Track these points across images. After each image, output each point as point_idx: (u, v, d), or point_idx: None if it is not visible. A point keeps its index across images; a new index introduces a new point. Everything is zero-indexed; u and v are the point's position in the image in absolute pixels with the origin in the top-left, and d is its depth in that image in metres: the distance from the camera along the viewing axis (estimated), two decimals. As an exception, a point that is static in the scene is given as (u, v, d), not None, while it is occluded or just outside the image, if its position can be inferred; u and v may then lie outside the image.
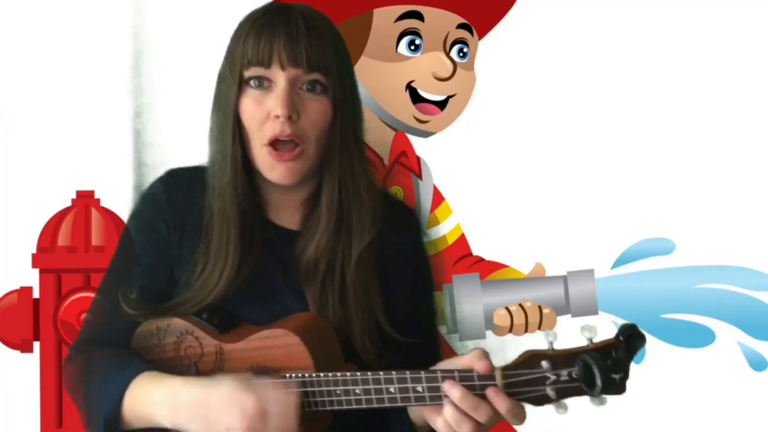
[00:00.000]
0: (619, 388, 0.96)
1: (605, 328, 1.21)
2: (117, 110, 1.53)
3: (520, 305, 1.50)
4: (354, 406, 1.07)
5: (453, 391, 1.01)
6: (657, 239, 1.53)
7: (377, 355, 1.20)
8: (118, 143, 1.52)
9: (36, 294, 1.52)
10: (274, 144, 1.14)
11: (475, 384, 1.01)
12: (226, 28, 1.49)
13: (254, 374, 1.12)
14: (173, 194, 1.21)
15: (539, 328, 1.50)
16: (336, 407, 1.08)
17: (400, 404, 1.06)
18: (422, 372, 1.04)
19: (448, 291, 1.51)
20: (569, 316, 1.51)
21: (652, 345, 1.51)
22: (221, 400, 1.05)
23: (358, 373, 1.07)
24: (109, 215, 1.53)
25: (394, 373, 1.05)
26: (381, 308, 1.22)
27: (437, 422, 1.04)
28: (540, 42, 1.52)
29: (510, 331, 1.50)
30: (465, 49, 1.55)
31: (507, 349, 1.50)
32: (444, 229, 1.56)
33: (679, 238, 1.53)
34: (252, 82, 1.14)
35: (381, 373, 1.06)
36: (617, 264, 1.53)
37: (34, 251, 1.52)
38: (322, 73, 1.13)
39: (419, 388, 1.03)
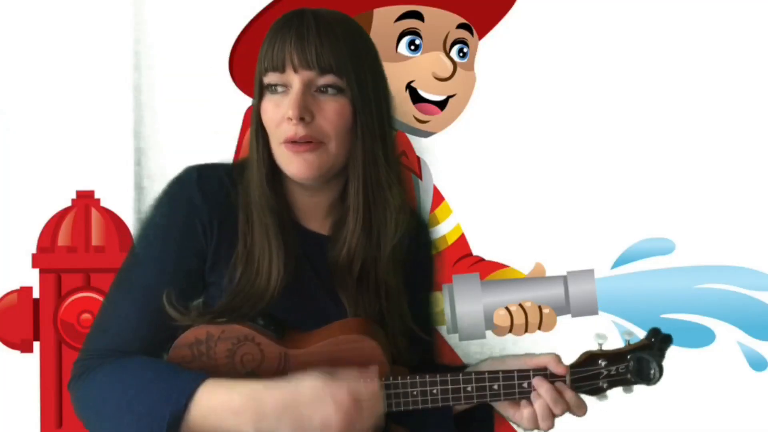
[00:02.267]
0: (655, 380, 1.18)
1: (605, 328, 1.22)
2: (117, 110, 1.53)
3: (520, 305, 1.50)
4: (430, 405, 1.13)
5: (542, 384, 1.14)
6: (657, 239, 1.53)
7: (410, 353, 1.21)
8: (118, 143, 1.52)
9: (36, 294, 1.52)
10: (292, 142, 1.13)
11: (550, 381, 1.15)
12: (227, 28, 1.49)
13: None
14: (207, 194, 1.16)
15: (539, 328, 1.50)
16: (411, 407, 1.13)
17: (475, 401, 1.15)
18: (500, 371, 1.14)
19: (448, 291, 1.51)
20: (569, 316, 1.51)
21: (652, 345, 1.51)
22: (311, 397, 1.04)
23: (437, 375, 1.13)
24: (109, 215, 1.53)
25: (472, 372, 1.14)
26: (407, 307, 1.23)
27: (519, 413, 1.16)
28: (540, 42, 1.52)
29: (510, 331, 1.50)
30: (465, 49, 1.55)
31: (507, 349, 1.50)
32: (444, 229, 1.56)
33: (679, 238, 1.53)
34: (272, 88, 1.14)
35: (460, 373, 1.14)
36: (617, 264, 1.53)
37: (34, 251, 1.52)
38: (337, 75, 1.12)
39: (495, 386, 1.14)
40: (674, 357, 1.51)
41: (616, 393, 1.18)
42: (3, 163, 1.53)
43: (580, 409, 1.16)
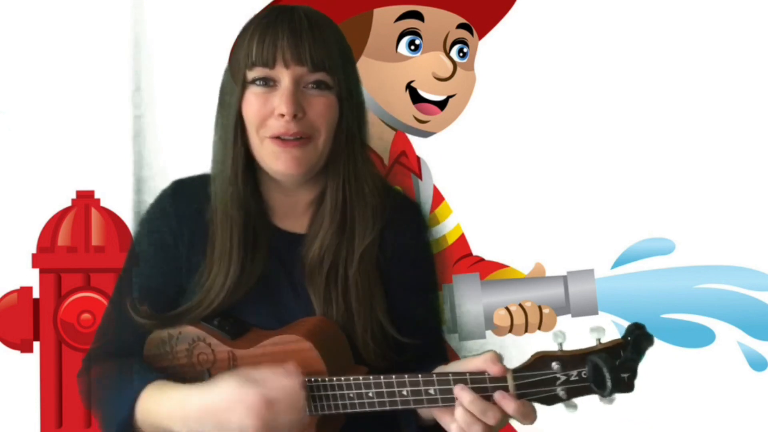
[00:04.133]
0: (627, 386, 0.98)
1: (605, 328, 1.22)
2: (117, 110, 1.53)
3: (520, 305, 1.50)
4: (367, 409, 1.08)
5: (463, 395, 1.02)
6: (657, 239, 1.53)
7: (380, 355, 1.20)
8: (118, 143, 1.52)
9: (36, 294, 1.52)
10: (278, 137, 1.14)
11: (487, 386, 1.03)
12: (227, 29, 1.49)
13: None
14: (181, 205, 1.21)
15: (539, 328, 1.50)
16: (349, 410, 1.09)
17: (412, 406, 1.07)
18: (434, 375, 1.05)
19: (448, 291, 1.51)
20: (569, 316, 1.51)
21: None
22: (226, 401, 1.05)
23: (371, 377, 1.08)
24: (109, 215, 1.53)
25: (406, 376, 1.06)
26: (383, 308, 1.22)
27: (450, 425, 1.06)
28: (540, 42, 1.52)
29: (510, 331, 1.50)
30: (465, 49, 1.55)
31: (507, 349, 1.50)
32: (444, 229, 1.56)
33: (679, 238, 1.53)
34: (257, 82, 1.14)
35: (393, 376, 1.07)
36: (617, 264, 1.53)
37: (34, 251, 1.52)
38: (327, 72, 1.13)
39: (431, 391, 1.05)
40: (674, 357, 1.52)
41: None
42: (3, 163, 1.53)
43: (526, 418, 1.02)
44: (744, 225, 1.52)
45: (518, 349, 1.49)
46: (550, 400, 1.01)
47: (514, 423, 1.49)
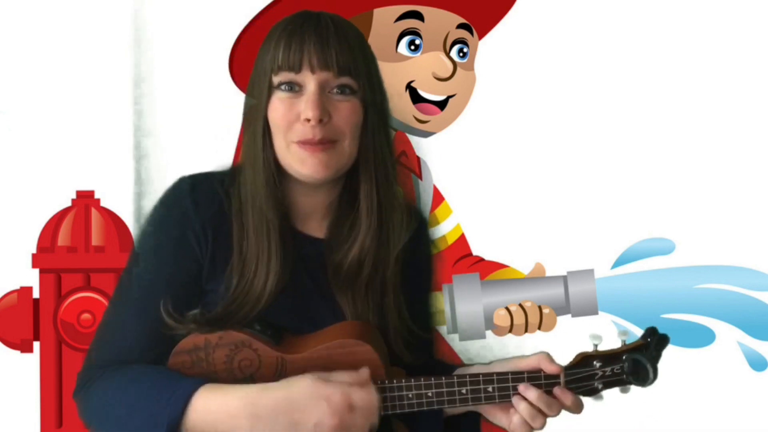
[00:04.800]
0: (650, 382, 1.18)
1: (605, 328, 1.22)
2: (117, 110, 1.52)
3: (520, 305, 1.50)
4: (425, 408, 1.14)
5: (529, 392, 1.14)
6: (657, 239, 1.53)
7: (407, 356, 1.21)
8: (118, 143, 1.52)
9: (36, 294, 1.52)
10: (303, 142, 1.14)
11: (541, 383, 1.16)
12: (227, 28, 1.49)
13: None
14: (200, 204, 1.18)
15: (539, 328, 1.50)
16: (407, 410, 1.13)
17: (470, 404, 1.16)
18: (494, 374, 1.15)
19: (448, 291, 1.51)
20: (569, 316, 1.51)
21: (652, 345, 1.51)
22: (305, 398, 1.04)
23: (432, 378, 1.14)
24: (109, 215, 1.53)
25: (467, 375, 1.15)
26: (405, 308, 1.24)
27: (508, 418, 1.16)
28: (540, 42, 1.52)
29: (510, 331, 1.50)
30: (465, 49, 1.55)
31: (507, 349, 1.50)
32: (444, 229, 1.56)
33: (679, 238, 1.53)
34: (282, 87, 1.14)
35: (455, 376, 1.14)
36: (617, 264, 1.53)
37: (34, 251, 1.52)
38: (352, 77, 1.14)
39: (490, 389, 1.15)
40: (674, 357, 1.52)
41: (614, 393, 1.19)
42: (3, 163, 1.53)
43: (578, 409, 1.17)
44: (744, 225, 1.52)
45: (518, 349, 1.49)
46: (589, 392, 1.17)
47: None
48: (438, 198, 1.57)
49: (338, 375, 1.08)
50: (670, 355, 1.50)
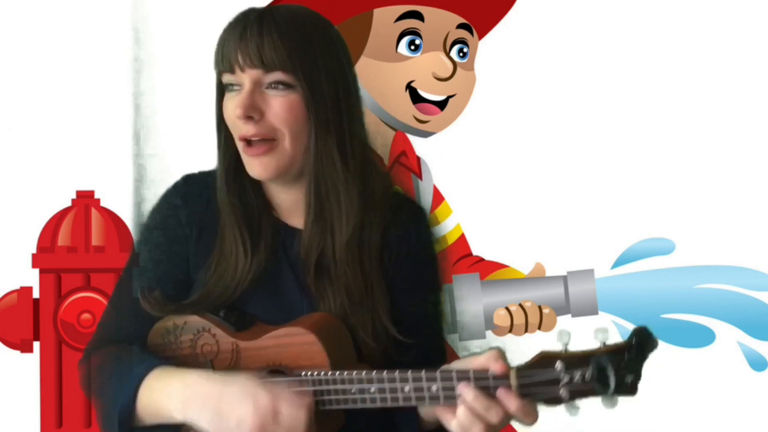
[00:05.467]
0: (631, 389, 0.97)
1: (601, 325, 1.21)
2: (117, 110, 1.52)
3: (520, 305, 1.50)
4: (369, 405, 1.08)
5: (466, 391, 1.01)
6: (657, 239, 1.53)
7: (381, 354, 1.21)
8: (118, 144, 1.52)
9: (36, 294, 1.52)
10: (248, 141, 1.17)
11: (489, 384, 1.01)
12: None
13: (269, 373, 1.13)
14: (190, 198, 1.23)
15: (539, 328, 1.50)
16: (350, 406, 1.09)
17: (414, 403, 1.06)
18: (437, 372, 1.04)
19: (448, 291, 1.51)
20: (569, 316, 1.51)
21: (652, 345, 1.51)
22: (235, 394, 1.06)
23: (374, 372, 1.07)
24: (109, 215, 1.53)
25: (409, 372, 1.05)
26: (385, 308, 1.23)
27: (451, 422, 1.04)
28: (540, 42, 1.52)
29: (510, 331, 1.50)
30: (465, 49, 1.55)
31: (507, 350, 1.50)
32: (444, 229, 1.56)
33: (679, 238, 1.53)
34: (228, 87, 1.18)
35: (396, 372, 1.05)
36: (617, 264, 1.53)
37: (34, 251, 1.52)
38: (283, 71, 1.13)
39: (434, 388, 1.03)
40: (674, 357, 1.52)
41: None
42: (3, 163, 1.53)
43: (528, 417, 1.01)
44: (744, 225, 1.52)
45: (519, 350, 1.49)
46: (553, 401, 0.99)
47: (514, 423, 1.49)
48: (438, 198, 1.57)
49: (281, 387, 1.08)
50: (670, 355, 1.51)
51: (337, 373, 1.09)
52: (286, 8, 1.18)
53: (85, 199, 1.53)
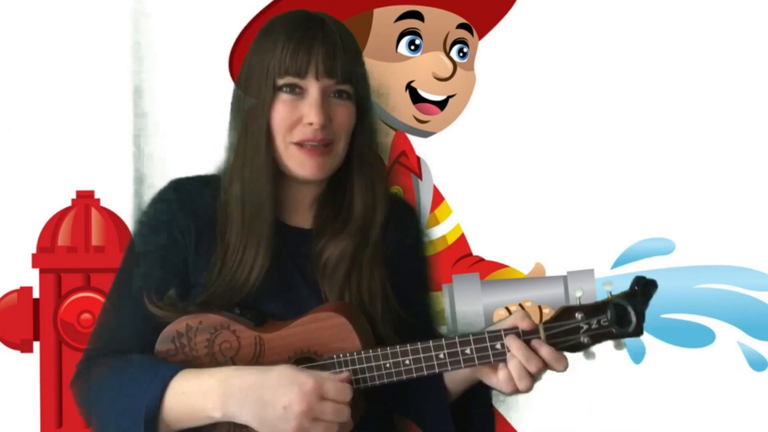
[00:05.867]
0: (639, 330, 1.10)
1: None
2: (117, 110, 1.52)
3: (520, 305, 1.50)
4: (404, 377, 1.11)
5: (512, 342, 1.10)
6: (657, 239, 1.53)
7: (401, 338, 1.22)
8: (118, 143, 1.52)
9: (36, 294, 1.52)
10: (302, 143, 1.18)
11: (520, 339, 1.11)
12: (227, 28, 1.49)
13: (296, 362, 1.13)
14: (186, 202, 1.23)
15: (539, 328, 1.50)
16: (386, 380, 1.12)
17: (449, 369, 1.12)
18: (470, 334, 1.11)
19: (448, 291, 1.51)
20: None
21: (652, 345, 1.51)
22: (278, 381, 1.06)
23: (408, 344, 1.11)
24: (109, 215, 1.53)
25: (443, 339, 1.11)
26: (393, 298, 1.25)
27: (496, 376, 1.13)
28: (540, 42, 1.52)
29: (510, 331, 1.50)
30: (465, 49, 1.55)
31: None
32: (444, 229, 1.56)
33: (679, 238, 1.53)
34: (285, 89, 1.18)
35: (430, 341, 1.11)
36: (617, 264, 1.53)
37: (34, 251, 1.52)
38: (351, 84, 1.20)
39: (468, 351, 1.11)
40: (674, 357, 1.52)
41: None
42: (3, 163, 1.53)
43: (559, 363, 1.11)
44: (744, 225, 1.52)
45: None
46: (576, 347, 1.11)
47: (514, 423, 1.49)
48: (438, 198, 1.57)
49: (321, 372, 1.09)
50: (670, 355, 1.51)
51: (371, 350, 1.12)
52: (335, 19, 1.23)
53: (85, 199, 1.53)
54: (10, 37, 1.53)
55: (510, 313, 1.49)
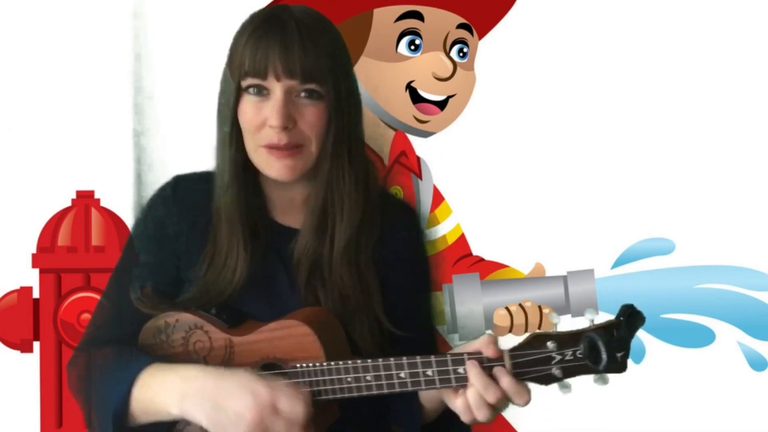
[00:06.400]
0: (620, 366, 1.00)
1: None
2: (117, 110, 1.52)
3: (520, 305, 1.50)
4: (365, 393, 1.09)
5: (471, 368, 1.04)
6: (657, 239, 1.53)
7: (380, 349, 1.21)
8: (118, 143, 1.52)
9: (36, 294, 1.52)
10: (271, 147, 1.16)
11: (483, 366, 1.04)
12: (227, 29, 1.49)
13: (263, 367, 1.13)
14: (182, 198, 1.23)
15: (539, 329, 1.50)
16: (347, 395, 1.10)
17: (410, 389, 1.08)
18: (432, 356, 1.06)
19: (448, 291, 1.51)
20: (569, 316, 1.51)
21: (652, 345, 1.51)
22: (233, 388, 1.06)
23: (369, 360, 1.08)
24: (109, 215, 1.53)
25: (404, 358, 1.07)
26: (380, 304, 1.24)
27: (456, 403, 1.07)
28: (540, 42, 1.52)
29: (510, 331, 1.50)
30: (465, 49, 1.55)
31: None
32: (444, 229, 1.56)
33: (679, 238, 1.53)
34: (250, 90, 1.16)
35: (391, 359, 1.07)
36: (617, 264, 1.53)
37: (34, 251, 1.52)
38: (317, 82, 1.15)
39: (429, 372, 1.06)
40: (674, 357, 1.52)
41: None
42: (3, 163, 1.53)
43: (520, 397, 1.03)
44: (744, 225, 1.52)
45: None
46: (546, 379, 1.02)
47: (514, 423, 1.49)
48: (438, 198, 1.57)
49: (279, 383, 1.08)
50: (670, 355, 1.51)
51: (332, 363, 1.10)
52: (309, 13, 1.18)
53: (85, 199, 1.53)
54: (11, 38, 1.53)
55: (510, 313, 1.49)
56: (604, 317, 1.50)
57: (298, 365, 1.11)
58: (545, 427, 1.39)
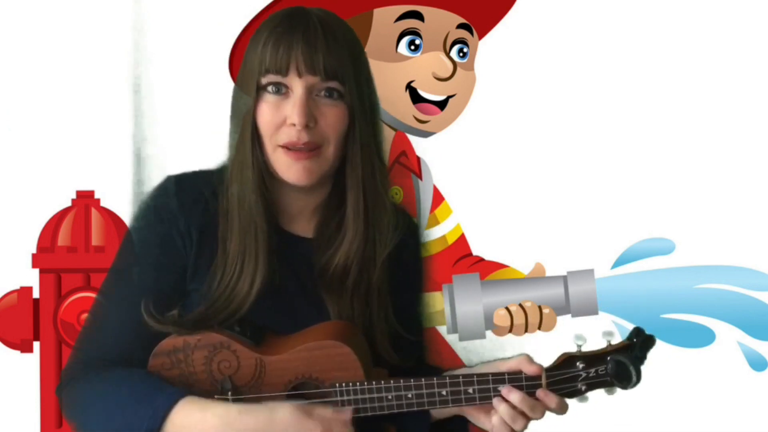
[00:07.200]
0: (638, 382, 1.14)
1: (604, 328, 1.21)
2: (117, 110, 1.52)
3: (520, 305, 1.50)
4: (405, 410, 1.13)
5: (513, 395, 1.13)
6: (657, 239, 1.53)
7: (394, 357, 1.21)
8: (117, 143, 1.52)
9: (36, 294, 1.52)
10: (288, 146, 1.14)
11: (522, 385, 1.14)
12: (227, 28, 1.49)
13: (297, 386, 1.12)
14: (186, 204, 1.17)
15: (539, 328, 1.50)
16: (386, 411, 1.13)
17: (450, 405, 1.14)
18: (474, 375, 1.14)
19: (448, 291, 1.51)
20: (569, 316, 1.51)
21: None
22: (283, 424, 1.05)
23: (412, 380, 1.12)
24: (109, 215, 1.53)
25: (447, 377, 1.13)
26: (391, 310, 1.24)
27: (490, 420, 1.15)
28: (540, 42, 1.52)
29: (510, 331, 1.50)
30: (465, 49, 1.55)
31: (506, 350, 1.50)
32: (444, 229, 1.56)
33: (679, 238, 1.53)
34: (269, 88, 1.13)
35: (434, 378, 1.13)
36: (617, 264, 1.53)
37: (34, 251, 1.52)
38: (339, 81, 1.13)
39: (470, 390, 1.13)
40: (674, 357, 1.52)
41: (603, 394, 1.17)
42: (3, 163, 1.53)
43: (562, 410, 1.15)
44: (744, 225, 1.52)
45: (519, 350, 1.49)
46: (573, 394, 1.15)
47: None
48: (438, 198, 1.57)
49: (321, 410, 1.08)
50: (670, 355, 1.51)
51: (374, 382, 1.12)
52: (329, 14, 1.17)
53: (85, 199, 1.53)
54: (11, 38, 1.53)
55: (510, 313, 1.49)
56: (603, 317, 1.51)
57: (337, 385, 1.11)
58: (546, 427, 1.39)
